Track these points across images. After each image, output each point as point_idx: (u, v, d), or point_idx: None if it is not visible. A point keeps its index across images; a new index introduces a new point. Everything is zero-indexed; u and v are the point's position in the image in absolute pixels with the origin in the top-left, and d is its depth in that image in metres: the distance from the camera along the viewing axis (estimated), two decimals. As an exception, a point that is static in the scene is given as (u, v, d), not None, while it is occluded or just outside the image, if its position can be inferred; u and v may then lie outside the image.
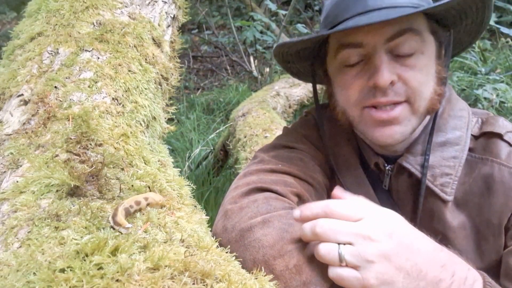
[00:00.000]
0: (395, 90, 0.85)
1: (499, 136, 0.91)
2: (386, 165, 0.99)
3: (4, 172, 0.68)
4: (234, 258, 0.61)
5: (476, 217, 0.91)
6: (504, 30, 3.11)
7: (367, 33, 0.85)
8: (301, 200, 0.91)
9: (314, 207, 0.68)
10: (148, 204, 0.63)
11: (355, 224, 0.64)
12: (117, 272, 0.46)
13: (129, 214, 0.59)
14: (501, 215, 0.88)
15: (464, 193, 0.92)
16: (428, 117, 0.96)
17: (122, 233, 0.55)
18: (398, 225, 0.66)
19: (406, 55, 0.85)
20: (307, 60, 1.04)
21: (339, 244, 0.63)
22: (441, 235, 0.93)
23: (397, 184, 0.99)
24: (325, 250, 0.63)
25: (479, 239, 0.91)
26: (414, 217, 0.97)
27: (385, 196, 1.01)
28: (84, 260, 0.48)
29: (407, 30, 0.84)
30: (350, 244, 0.63)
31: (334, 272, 0.63)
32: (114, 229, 0.56)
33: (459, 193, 0.92)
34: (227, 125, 2.62)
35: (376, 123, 0.88)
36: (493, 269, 0.89)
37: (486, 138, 0.93)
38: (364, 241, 0.62)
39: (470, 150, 0.93)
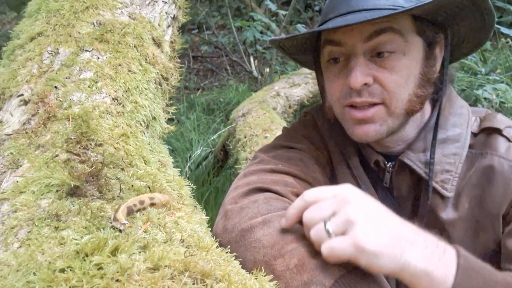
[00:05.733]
0: (370, 91, 0.88)
1: (498, 131, 0.92)
2: (386, 162, 1.00)
3: (4, 172, 0.68)
4: (234, 258, 0.61)
5: (476, 208, 0.92)
6: (504, 30, 3.11)
7: (346, 33, 0.87)
8: (301, 200, 0.91)
9: (294, 204, 0.72)
10: (153, 204, 0.63)
11: (332, 196, 0.68)
12: (117, 272, 0.46)
13: (131, 213, 0.60)
14: (500, 205, 0.89)
15: (464, 187, 0.93)
16: (426, 115, 0.98)
17: (118, 228, 0.55)
18: (368, 197, 0.70)
19: (386, 55, 0.86)
20: (308, 53, 1.06)
21: (325, 222, 0.66)
22: (441, 230, 0.94)
23: (398, 181, 0.99)
24: (314, 232, 0.67)
25: (478, 230, 0.92)
26: (414, 214, 0.98)
27: (385, 194, 1.02)
28: (84, 260, 0.48)
29: (386, 29, 0.85)
30: (333, 215, 0.66)
31: (325, 247, 0.64)
32: (112, 225, 0.56)
33: (459, 188, 0.93)
34: (228, 127, 2.62)
35: (354, 121, 0.92)
36: (491, 258, 0.89)
37: (485, 134, 0.94)
38: (344, 205, 0.66)
39: (470, 146, 0.94)
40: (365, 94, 0.88)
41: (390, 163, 1.00)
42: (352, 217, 0.64)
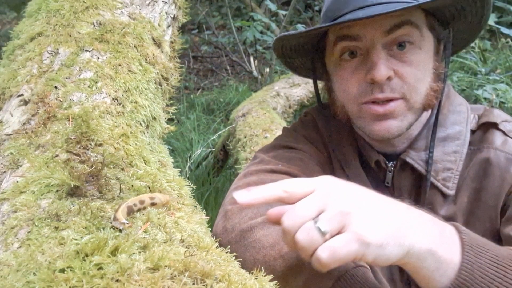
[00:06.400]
0: (391, 86, 0.87)
1: (494, 125, 0.93)
2: (387, 162, 0.99)
3: (4, 172, 0.68)
4: (234, 258, 0.61)
5: (474, 200, 0.92)
6: (504, 30, 3.11)
7: (364, 26, 0.86)
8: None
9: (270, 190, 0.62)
10: (153, 204, 0.63)
11: (313, 195, 0.59)
12: (117, 272, 0.46)
13: (132, 212, 0.60)
14: (497, 198, 0.90)
15: (462, 182, 0.93)
16: (428, 113, 0.98)
17: (117, 228, 0.55)
18: (349, 183, 0.64)
19: (407, 46, 0.86)
20: (307, 55, 1.05)
21: (315, 221, 0.57)
22: None
23: (400, 180, 0.99)
24: (302, 235, 0.56)
25: (475, 222, 0.93)
26: None
27: (386, 194, 1.01)
28: (84, 260, 0.48)
29: (406, 22, 0.85)
30: (321, 212, 0.57)
31: (323, 251, 0.55)
32: (112, 225, 0.56)
33: (459, 184, 0.93)
34: (228, 127, 2.62)
35: (374, 117, 0.89)
36: None
37: (482, 129, 0.95)
38: (331, 198, 0.58)
39: (469, 144, 0.94)
40: (387, 90, 0.86)
41: (391, 162, 0.99)
42: (345, 210, 0.57)
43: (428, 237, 0.60)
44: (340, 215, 0.57)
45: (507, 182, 0.89)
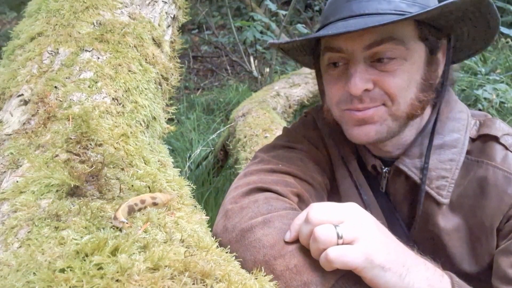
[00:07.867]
0: (371, 96, 0.86)
1: (495, 139, 0.90)
2: (383, 167, 0.99)
3: (4, 172, 0.68)
4: (234, 258, 0.61)
5: (470, 219, 0.91)
6: (504, 30, 3.11)
7: (347, 39, 0.86)
8: (301, 200, 0.91)
9: (300, 216, 0.72)
10: (155, 204, 0.63)
11: (340, 208, 0.69)
12: (117, 272, 0.46)
13: (133, 211, 0.60)
14: (493, 218, 0.87)
15: (459, 196, 0.91)
16: (423, 120, 0.96)
17: (116, 227, 0.55)
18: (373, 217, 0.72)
19: (385, 61, 0.85)
20: (307, 54, 1.05)
21: (335, 226, 0.66)
22: (436, 237, 0.93)
23: (394, 187, 0.99)
24: (322, 230, 0.65)
25: (473, 241, 0.91)
26: (411, 220, 0.97)
27: (383, 198, 1.01)
28: (84, 260, 0.48)
29: (386, 39, 0.83)
30: (341, 222, 0.66)
31: (334, 251, 0.63)
32: (112, 224, 0.56)
33: (454, 196, 0.91)
34: (227, 126, 2.62)
35: (354, 122, 0.90)
36: (487, 272, 0.89)
37: (482, 140, 0.92)
38: (353, 217, 0.67)
39: (467, 152, 0.92)
40: (367, 100, 0.86)
41: (386, 168, 0.99)
42: (361, 229, 0.65)
43: (428, 281, 0.67)
44: (356, 229, 0.65)
45: (505, 203, 0.86)
